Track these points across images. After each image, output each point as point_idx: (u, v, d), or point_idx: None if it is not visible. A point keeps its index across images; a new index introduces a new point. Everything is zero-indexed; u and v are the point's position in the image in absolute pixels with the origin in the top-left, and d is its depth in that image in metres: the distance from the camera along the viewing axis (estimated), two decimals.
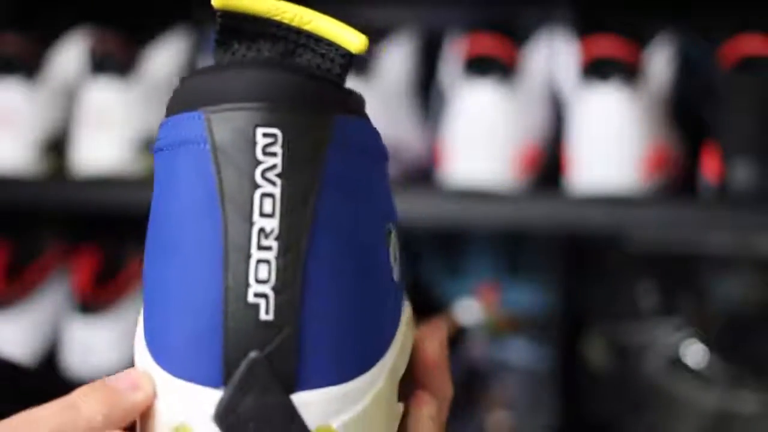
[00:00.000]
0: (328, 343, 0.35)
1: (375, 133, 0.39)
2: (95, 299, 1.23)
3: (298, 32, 0.38)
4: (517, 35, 1.17)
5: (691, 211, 1.04)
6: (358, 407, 0.36)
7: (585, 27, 1.13)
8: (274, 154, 0.35)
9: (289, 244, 0.35)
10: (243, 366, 0.35)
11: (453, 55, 1.17)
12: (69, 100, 1.25)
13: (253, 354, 0.34)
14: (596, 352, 1.19)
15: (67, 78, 1.26)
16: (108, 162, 1.18)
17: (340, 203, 0.36)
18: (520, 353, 1.23)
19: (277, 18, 0.38)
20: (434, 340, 0.42)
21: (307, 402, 0.35)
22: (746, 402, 1.08)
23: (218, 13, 0.37)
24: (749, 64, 1.05)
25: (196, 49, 1.28)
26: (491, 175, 1.08)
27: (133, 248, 1.29)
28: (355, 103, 0.38)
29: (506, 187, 1.08)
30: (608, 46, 1.07)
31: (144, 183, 1.18)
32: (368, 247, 0.37)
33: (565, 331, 1.21)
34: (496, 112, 1.09)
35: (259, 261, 0.35)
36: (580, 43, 1.10)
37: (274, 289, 0.35)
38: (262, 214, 0.35)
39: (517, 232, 1.27)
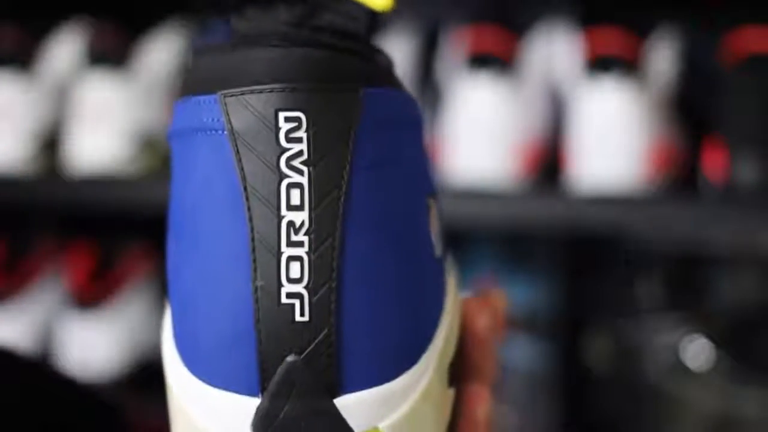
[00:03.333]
0: (369, 342, 0.33)
1: (407, 101, 0.36)
2: (90, 295, 1.23)
3: None
4: (517, 28, 1.16)
5: (694, 208, 1.04)
6: (406, 406, 0.34)
7: (586, 20, 1.12)
8: (298, 140, 0.32)
9: (321, 237, 0.32)
10: (280, 371, 0.32)
11: (451, 48, 1.16)
12: (63, 94, 1.24)
13: (290, 358, 0.32)
14: (597, 351, 1.19)
15: (61, 72, 1.25)
16: (104, 157, 1.17)
17: (375, 186, 0.33)
18: (521, 352, 1.22)
19: None
20: (484, 315, 0.39)
21: (351, 405, 0.33)
22: (749, 403, 1.08)
23: None
24: (754, 58, 1.04)
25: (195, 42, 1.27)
26: (491, 172, 1.07)
27: (128, 243, 1.28)
28: (384, 69, 0.36)
29: (506, 184, 1.07)
30: (610, 40, 1.06)
31: (140, 178, 1.17)
32: (408, 229, 0.34)
33: (566, 330, 1.21)
34: (495, 107, 1.08)
35: (290, 258, 0.32)
36: (581, 37, 1.10)
37: (307, 287, 0.32)
38: (289, 207, 0.32)
39: (517, 230, 1.26)
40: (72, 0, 1.31)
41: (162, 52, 1.24)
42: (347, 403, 0.33)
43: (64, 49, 1.26)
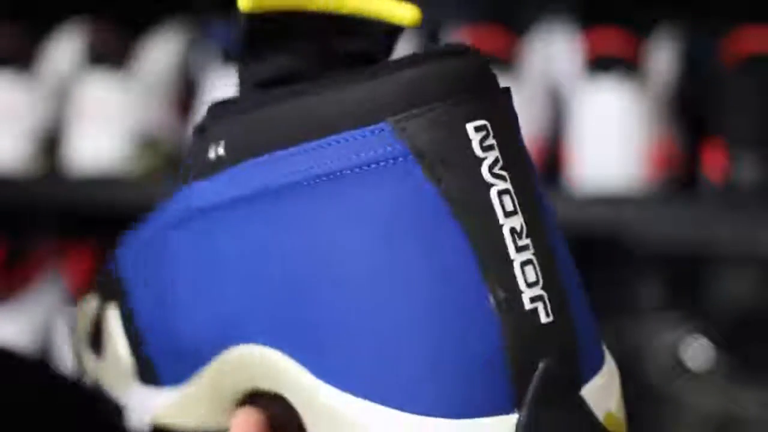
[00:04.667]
0: (590, 329, 0.33)
1: None
2: None
3: (336, 19, 0.35)
4: (517, 28, 1.16)
5: (694, 208, 1.04)
6: (617, 379, 0.34)
7: (586, 20, 1.12)
8: (491, 147, 0.32)
9: (538, 237, 0.32)
10: (536, 378, 0.31)
11: None
12: (63, 94, 1.24)
13: (543, 363, 0.31)
14: None
15: (61, 72, 1.25)
16: (103, 157, 1.17)
17: (538, 181, 0.34)
18: None
19: (310, 9, 0.35)
20: None
21: (590, 395, 0.33)
22: (749, 403, 1.08)
23: (248, 19, 0.34)
24: (754, 58, 1.04)
25: (195, 42, 1.27)
26: None
27: None
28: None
29: None
30: (610, 40, 1.06)
31: (140, 178, 1.17)
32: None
33: None
34: None
35: (522, 263, 0.32)
36: (581, 37, 1.10)
37: (544, 288, 0.32)
38: (506, 214, 0.32)
39: None
40: (72, 0, 1.31)
41: (162, 52, 1.24)
42: (587, 395, 0.33)
43: (64, 49, 1.26)
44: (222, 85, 1.15)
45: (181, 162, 0.39)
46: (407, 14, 0.35)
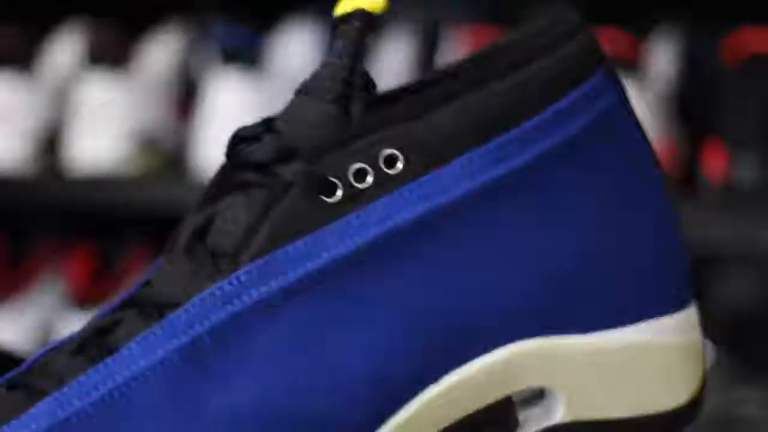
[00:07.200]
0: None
1: None
2: (90, 295, 1.23)
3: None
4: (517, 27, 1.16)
5: (694, 208, 1.04)
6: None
7: (587, 19, 1.12)
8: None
9: None
10: None
11: (451, 48, 1.16)
12: (63, 94, 1.24)
13: None
14: None
15: (61, 72, 1.25)
16: (104, 157, 1.17)
17: None
18: None
19: None
20: None
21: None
22: (749, 403, 1.08)
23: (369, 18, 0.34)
24: (754, 58, 1.04)
25: (195, 42, 1.27)
26: None
27: (128, 243, 1.28)
28: None
29: None
30: (610, 40, 1.06)
31: (140, 178, 1.17)
32: None
33: None
34: None
35: None
36: None
37: None
38: None
39: None
40: (72, 0, 1.31)
41: (162, 53, 1.24)
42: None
43: (64, 49, 1.26)
44: (222, 86, 1.15)
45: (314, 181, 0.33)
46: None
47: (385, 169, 0.33)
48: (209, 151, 1.11)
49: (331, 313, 0.32)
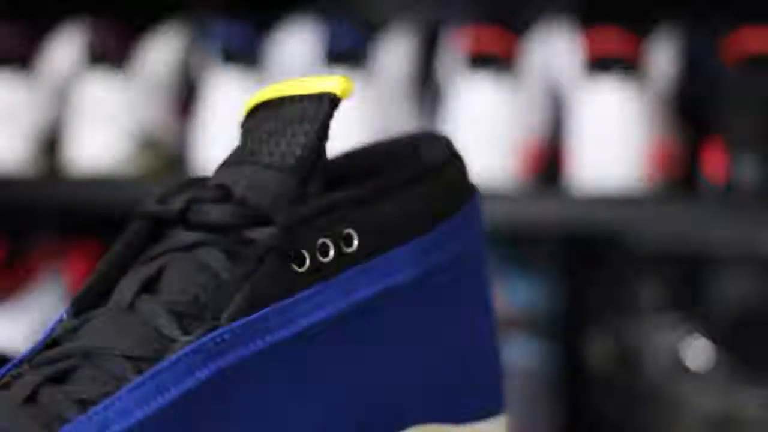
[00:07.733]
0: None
1: None
2: None
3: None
4: (517, 28, 1.16)
5: (694, 208, 1.04)
6: None
7: (586, 20, 1.12)
8: None
9: None
10: None
11: (451, 48, 1.16)
12: (63, 94, 1.24)
13: None
14: (598, 351, 1.19)
15: (61, 72, 1.25)
16: (104, 157, 1.17)
17: None
18: (522, 352, 1.22)
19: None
20: None
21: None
22: (749, 403, 1.08)
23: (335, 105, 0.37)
24: (754, 58, 1.04)
25: (195, 42, 1.27)
26: (491, 172, 1.07)
27: None
28: None
29: (506, 185, 1.07)
30: (610, 40, 1.06)
31: (140, 178, 1.17)
32: None
33: (566, 330, 1.21)
34: (495, 107, 1.08)
35: None
36: (581, 37, 1.10)
37: None
38: None
39: (517, 230, 1.26)
40: (72, 0, 1.31)
41: (162, 52, 1.24)
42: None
43: (64, 49, 1.26)
44: (222, 86, 1.15)
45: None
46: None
47: (344, 247, 0.35)
48: (209, 151, 1.11)
49: (287, 382, 0.34)
